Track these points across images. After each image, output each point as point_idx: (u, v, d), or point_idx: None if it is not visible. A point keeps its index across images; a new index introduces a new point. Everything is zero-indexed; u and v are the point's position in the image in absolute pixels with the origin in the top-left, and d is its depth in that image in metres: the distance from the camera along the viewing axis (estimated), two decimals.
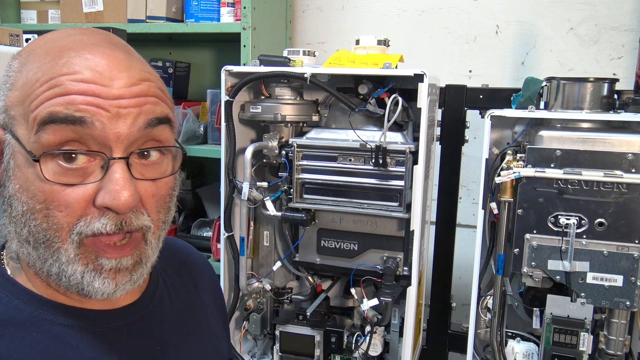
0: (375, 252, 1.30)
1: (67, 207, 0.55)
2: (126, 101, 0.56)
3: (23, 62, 0.58)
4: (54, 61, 0.56)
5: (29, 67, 0.57)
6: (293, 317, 1.40)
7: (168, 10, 1.87)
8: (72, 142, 0.55)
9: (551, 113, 1.15)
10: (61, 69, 0.56)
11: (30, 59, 0.58)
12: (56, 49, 0.58)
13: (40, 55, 0.58)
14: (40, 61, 0.57)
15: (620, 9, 1.74)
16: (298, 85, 1.35)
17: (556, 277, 1.10)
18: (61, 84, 0.55)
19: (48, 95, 0.55)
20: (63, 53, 0.57)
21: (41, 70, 0.56)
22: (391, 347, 1.37)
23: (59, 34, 0.61)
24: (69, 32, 0.61)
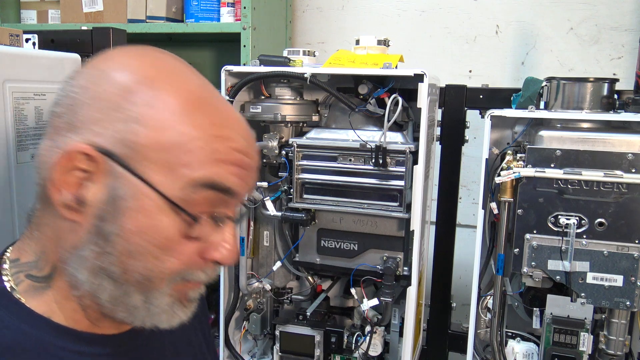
0: (375, 252, 1.30)
1: (181, 256, 0.56)
2: (255, 172, 0.61)
3: (148, 99, 0.55)
4: (204, 117, 0.56)
5: (165, 109, 0.55)
6: (293, 317, 1.40)
7: (168, 10, 1.87)
8: (216, 206, 0.57)
9: (551, 113, 1.15)
10: (220, 131, 0.56)
11: (162, 98, 0.55)
12: (196, 97, 0.58)
13: (182, 101, 0.56)
14: (188, 113, 0.55)
15: (620, 9, 1.74)
16: (298, 85, 1.35)
17: (556, 277, 1.10)
18: (223, 151, 0.55)
19: (210, 160, 0.55)
20: (207, 107, 0.58)
21: (193, 126, 0.55)
22: (391, 347, 1.37)
23: (169, 66, 0.61)
24: (181, 70, 0.62)
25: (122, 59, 0.58)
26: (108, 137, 0.54)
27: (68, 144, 0.54)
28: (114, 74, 0.56)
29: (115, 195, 0.54)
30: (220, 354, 1.43)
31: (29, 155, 1.19)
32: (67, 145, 0.54)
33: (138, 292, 0.56)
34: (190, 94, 0.57)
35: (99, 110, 0.54)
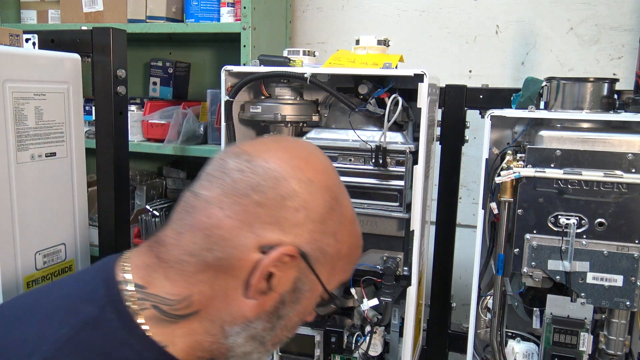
0: (375, 252, 1.30)
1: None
2: None
3: (340, 218, 0.70)
4: (358, 227, 0.75)
5: (346, 225, 0.71)
6: None
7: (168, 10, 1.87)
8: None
9: (551, 113, 1.15)
10: (359, 240, 0.75)
11: (346, 217, 0.71)
12: (358, 234, 0.74)
13: (350, 215, 0.73)
14: (353, 225, 0.73)
15: (620, 9, 1.74)
16: (298, 85, 1.35)
17: (556, 277, 1.10)
18: (356, 257, 0.75)
19: (352, 267, 0.74)
20: (355, 220, 0.74)
21: (355, 236, 0.73)
22: (391, 347, 1.37)
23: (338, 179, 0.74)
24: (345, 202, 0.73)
25: (323, 177, 0.69)
26: (309, 241, 0.66)
27: (273, 239, 0.64)
28: (323, 193, 0.68)
29: (297, 287, 0.67)
30: None
31: (28, 155, 1.19)
32: (270, 239, 0.64)
33: (265, 350, 0.69)
34: (350, 208, 0.74)
35: (309, 218, 0.65)
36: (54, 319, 0.62)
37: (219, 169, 0.66)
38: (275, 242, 0.64)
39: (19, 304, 0.69)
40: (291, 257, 0.64)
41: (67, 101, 1.28)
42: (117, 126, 1.39)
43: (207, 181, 0.67)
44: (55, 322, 0.61)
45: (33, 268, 1.22)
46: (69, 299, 0.65)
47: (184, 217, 0.66)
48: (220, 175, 0.66)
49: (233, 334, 0.66)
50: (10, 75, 1.12)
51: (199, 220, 0.64)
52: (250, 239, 0.63)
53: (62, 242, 1.30)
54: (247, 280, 0.64)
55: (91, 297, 0.64)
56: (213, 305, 0.65)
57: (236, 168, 0.65)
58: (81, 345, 0.59)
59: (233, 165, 0.66)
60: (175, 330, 0.65)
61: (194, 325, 0.65)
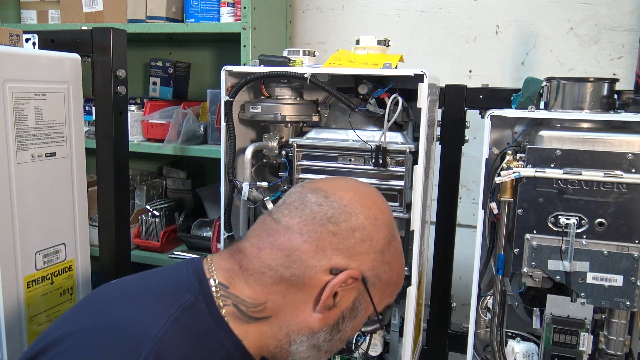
0: None
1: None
2: None
3: (395, 251, 0.83)
4: (402, 278, 0.88)
5: (399, 257, 0.85)
6: None
7: (168, 10, 1.87)
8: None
9: (551, 113, 1.15)
10: (403, 271, 0.88)
11: (398, 249, 0.84)
12: (403, 265, 0.87)
13: (399, 248, 0.85)
14: (401, 257, 0.86)
15: (620, 9, 1.74)
16: (298, 85, 1.35)
17: (556, 277, 1.10)
18: (400, 283, 0.88)
19: (396, 295, 0.87)
20: (404, 261, 0.88)
21: (401, 268, 0.86)
22: (391, 347, 1.37)
23: (396, 232, 0.85)
24: (398, 238, 0.85)
25: (385, 216, 0.82)
26: (370, 268, 0.78)
27: (342, 264, 0.76)
28: (384, 229, 0.80)
29: (355, 306, 0.80)
30: None
31: (28, 155, 1.19)
32: (340, 263, 0.76)
33: (319, 357, 0.80)
34: (400, 244, 0.86)
35: (372, 249, 0.78)
36: (162, 300, 0.73)
37: (299, 201, 0.79)
38: (343, 266, 0.76)
39: (123, 288, 0.80)
40: (354, 279, 0.76)
41: (67, 101, 1.28)
42: (117, 126, 1.39)
43: (287, 210, 0.79)
44: (165, 302, 0.72)
45: (33, 268, 1.22)
46: (170, 287, 0.76)
47: (265, 237, 0.78)
48: (300, 207, 0.78)
49: (297, 342, 0.78)
50: (10, 75, 1.12)
51: (280, 242, 0.76)
52: (323, 262, 0.75)
53: (62, 242, 1.30)
54: (318, 297, 0.76)
55: (187, 287, 0.75)
56: (283, 314, 0.77)
57: (315, 202, 0.78)
58: (184, 324, 0.70)
59: (312, 199, 0.78)
60: (248, 329, 0.76)
61: (264, 328, 0.77)
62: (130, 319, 0.71)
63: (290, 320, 0.77)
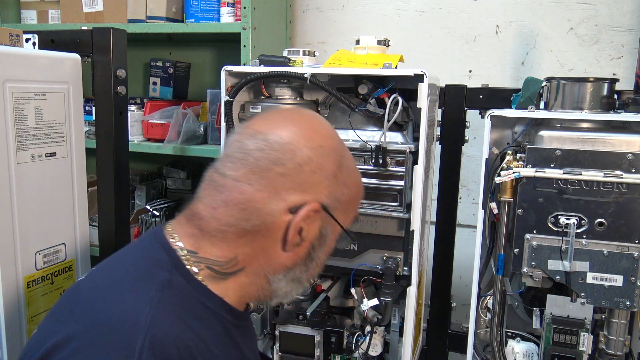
0: (375, 252, 1.30)
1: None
2: None
3: (348, 170, 0.84)
4: (362, 189, 0.90)
5: (354, 174, 0.86)
6: (293, 317, 1.40)
7: (168, 10, 1.87)
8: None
9: (551, 113, 1.15)
10: (361, 192, 0.89)
11: (351, 167, 0.85)
12: (360, 177, 0.89)
13: (353, 164, 0.87)
14: (356, 171, 0.87)
15: (620, 9, 1.74)
16: (298, 85, 1.35)
17: (556, 277, 1.10)
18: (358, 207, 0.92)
19: (359, 205, 0.92)
20: (359, 174, 0.89)
21: (359, 181, 0.88)
22: (391, 347, 1.37)
23: (349, 156, 0.87)
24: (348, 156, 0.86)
25: (329, 141, 0.82)
26: (327, 195, 0.79)
27: (298, 201, 0.77)
28: (331, 154, 0.81)
29: (323, 233, 0.81)
30: None
31: (28, 155, 1.19)
32: (296, 201, 0.77)
33: (301, 286, 0.84)
34: (352, 160, 0.87)
35: (324, 177, 0.79)
36: (140, 285, 0.74)
37: (240, 151, 0.77)
38: (301, 203, 0.77)
39: (103, 277, 0.80)
40: (315, 211, 0.77)
41: (67, 101, 1.28)
42: (117, 126, 1.39)
43: (230, 162, 0.78)
44: (143, 286, 0.73)
45: (33, 268, 1.22)
46: (143, 268, 0.77)
47: (216, 195, 0.78)
48: (243, 157, 0.77)
49: (276, 281, 0.81)
50: (11, 75, 1.12)
51: (232, 197, 0.76)
52: (280, 205, 0.76)
53: (62, 242, 1.30)
54: (284, 238, 0.77)
55: (159, 264, 0.76)
56: (256, 262, 0.79)
57: (256, 148, 0.76)
58: (167, 303, 0.71)
59: (252, 146, 0.77)
60: (227, 285, 0.78)
61: (242, 280, 0.79)
62: (116, 315, 0.71)
63: (263, 265, 0.79)
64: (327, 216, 0.80)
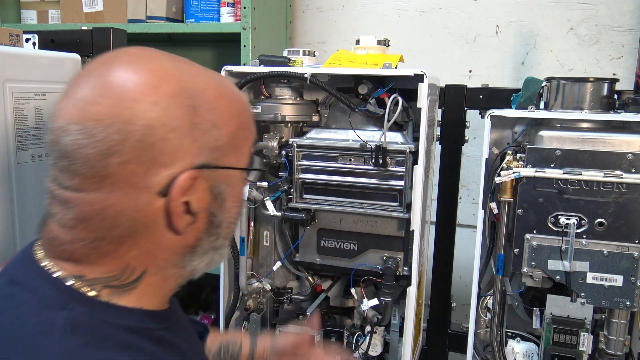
0: (375, 252, 1.30)
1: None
2: None
3: (209, 105, 0.64)
4: (231, 93, 0.68)
5: (223, 106, 0.65)
6: (293, 317, 1.40)
7: (168, 10, 1.87)
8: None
9: (551, 113, 1.16)
10: (241, 98, 0.69)
11: (215, 97, 0.65)
12: (233, 95, 0.68)
13: (215, 91, 0.65)
14: (224, 97, 0.66)
15: (620, 9, 1.74)
16: (298, 85, 1.35)
17: (556, 277, 1.10)
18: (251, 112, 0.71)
19: (251, 124, 0.70)
20: (221, 81, 0.69)
21: (234, 104, 0.67)
22: (391, 347, 1.37)
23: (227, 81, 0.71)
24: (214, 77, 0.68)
25: (166, 87, 0.61)
26: (198, 153, 0.62)
27: (163, 179, 0.60)
28: (175, 104, 0.60)
29: (216, 192, 0.65)
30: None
31: (29, 155, 1.19)
32: (160, 181, 0.60)
33: (225, 246, 0.71)
34: (211, 86, 0.65)
35: (181, 136, 0.60)
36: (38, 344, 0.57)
37: (62, 154, 0.60)
38: (167, 181, 0.60)
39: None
40: (192, 179, 0.61)
41: None
42: None
43: (58, 170, 0.61)
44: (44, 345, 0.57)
45: None
46: (30, 317, 0.60)
47: (65, 212, 0.61)
48: (68, 162, 0.59)
49: (187, 262, 0.67)
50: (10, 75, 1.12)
51: (83, 211, 0.60)
52: (144, 194, 0.60)
53: None
54: (170, 224, 0.62)
55: (49, 303, 0.60)
56: (154, 259, 0.65)
57: (78, 145, 0.58)
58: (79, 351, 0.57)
59: (70, 144, 0.58)
60: (137, 292, 0.65)
61: (151, 281, 0.66)
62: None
63: (165, 255, 0.65)
64: (212, 172, 0.64)
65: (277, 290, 1.46)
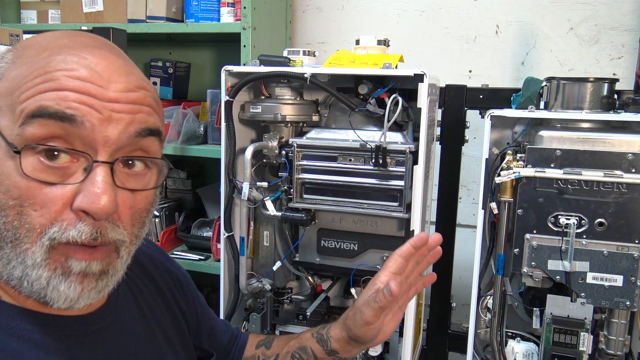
0: (375, 252, 1.30)
1: (42, 207, 0.53)
2: (120, 106, 0.55)
3: (17, 55, 0.56)
4: (51, 56, 0.54)
5: (23, 60, 0.55)
6: (293, 317, 1.40)
7: (168, 10, 1.87)
8: (57, 139, 0.53)
9: (551, 113, 1.16)
10: (58, 64, 0.54)
11: (26, 52, 0.56)
12: (55, 45, 0.56)
13: (37, 49, 0.56)
14: (36, 55, 0.55)
15: (620, 9, 1.74)
16: (298, 85, 1.35)
17: (556, 277, 1.10)
18: (56, 78, 0.53)
19: (40, 89, 0.53)
20: (62, 50, 0.55)
21: (37, 64, 0.54)
22: (391, 347, 1.37)
23: (60, 33, 0.60)
24: (70, 33, 0.60)
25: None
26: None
27: None
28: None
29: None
30: None
31: None
32: None
33: (15, 257, 0.54)
34: (49, 44, 0.56)
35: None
36: None
37: None
38: None
39: None
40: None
41: None
42: None
43: None
44: None
45: None
46: None
47: None
48: None
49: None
50: None
51: None
52: None
53: None
54: None
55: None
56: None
57: None
58: None
59: None
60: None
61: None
62: None
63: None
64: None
65: (277, 290, 1.46)
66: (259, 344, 0.97)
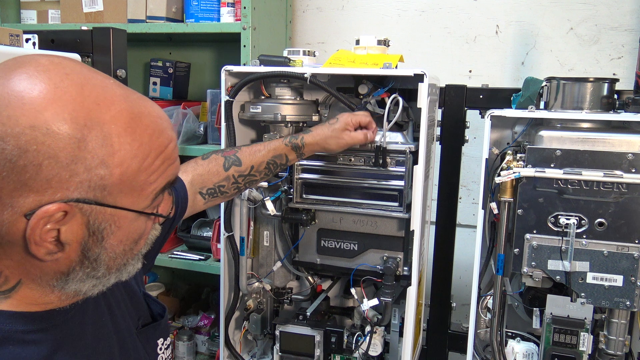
0: (375, 252, 1.30)
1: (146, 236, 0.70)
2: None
3: (100, 141, 0.59)
4: (146, 132, 0.62)
5: (117, 144, 0.59)
6: (293, 317, 1.40)
7: (168, 10, 1.87)
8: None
9: (551, 113, 1.16)
10: (160, 140, 0.64)
11: (110, 134, 0.59)
12: (135, 116, 0.62)
13: (121, 127, 0.60)
14: (131, 135, 0.61)
15: (620, 9, 1.74)
16: (298, 85, 1.35)
17: (556, 277, 1.10)
18: (169, 155, 0.65)
19: (164, 168, 0.65)
20: (145, 119, 0.63)
21: (143, 144, 0.62)
22: (391, 347, 1.37)
23: (94, 88, 0.60)
24: (118, 92, 0.62)
25: (51, 111, 0.56)
26: (75, 187, 0.58)
27: (29, 204, 0.57)
28: (54, 127, 0.56)
29: (94, 228, 0.62)
30: (220, 354, 1.43)
31: None
32: (27, 205, 0.57)
33: (111, 275, 0.68)
34: (124, 114, 0.61)
35: (56, 167, 0.56)
36: None
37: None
38: (34, 205, 0.57)
39: None
40: (63, 212, 0.58)
41: None
42: None
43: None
44: None
45: None
46: None
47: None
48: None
49: (62, 284, 0.65)
50: None
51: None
52: (8, 213, 0.58)
53: None
54: (26, 249, 0.60)
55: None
56: (28, 272, 0.63)
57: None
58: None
59: None
60: (12, 303, 0.65)
61: (27, 293, 0.65)
62: None
63: (39, 273, 0.64)
64: (94, 208, 0.60)
65: (277, 290, 1.46)
66: (225, 165, 1.11)
